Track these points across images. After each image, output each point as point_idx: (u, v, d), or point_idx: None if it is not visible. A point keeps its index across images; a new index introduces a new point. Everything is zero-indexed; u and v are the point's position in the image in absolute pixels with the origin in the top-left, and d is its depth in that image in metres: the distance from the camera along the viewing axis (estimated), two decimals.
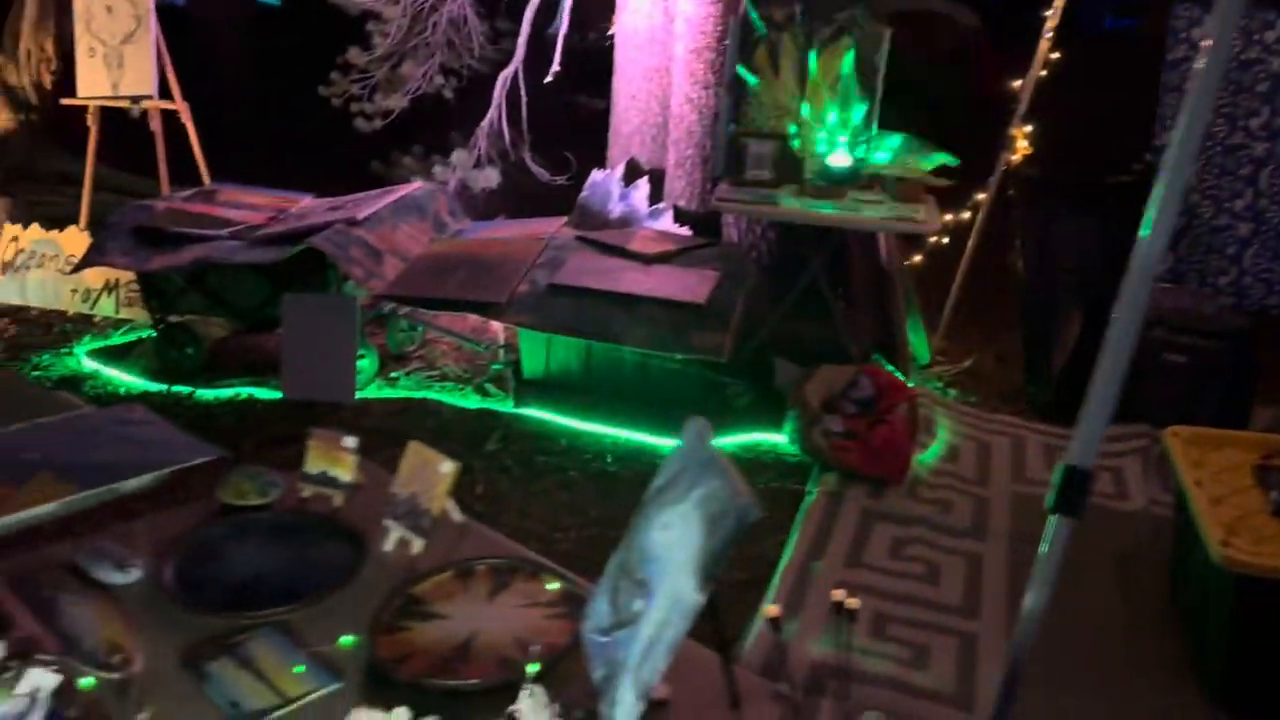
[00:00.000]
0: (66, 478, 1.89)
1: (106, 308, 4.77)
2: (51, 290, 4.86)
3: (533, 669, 1.38)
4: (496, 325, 4.50)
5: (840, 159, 3.92)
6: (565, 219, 4.55)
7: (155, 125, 4.96)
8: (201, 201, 4.38)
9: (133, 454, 2.00)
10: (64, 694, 1.37)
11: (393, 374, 4.28)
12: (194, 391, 4.08)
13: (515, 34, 5.21)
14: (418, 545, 1.80)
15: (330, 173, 5.32)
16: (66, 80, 5.19)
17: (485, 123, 5.25)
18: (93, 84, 4.97)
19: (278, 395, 4.06)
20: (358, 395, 4.05)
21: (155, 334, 4.34)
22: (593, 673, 1.39)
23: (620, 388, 4.00)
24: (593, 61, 5.43)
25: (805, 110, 4.03)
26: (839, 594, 1.77)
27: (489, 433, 3.86)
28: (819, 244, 3.97)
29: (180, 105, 4.97)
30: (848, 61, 3.97)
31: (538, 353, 4.10)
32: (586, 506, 3.43)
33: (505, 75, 5.27)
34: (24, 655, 1.44)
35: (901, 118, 4.11)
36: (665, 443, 3.80)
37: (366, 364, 4.18)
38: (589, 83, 5.71)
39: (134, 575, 1.72)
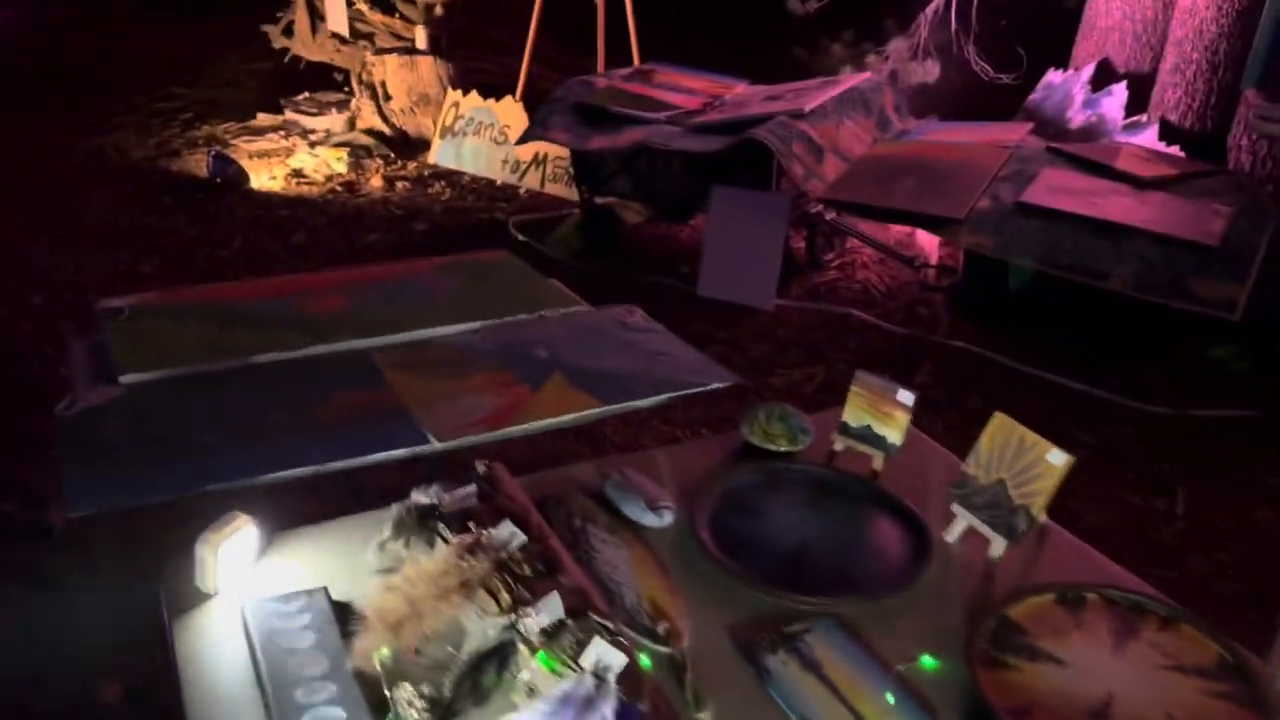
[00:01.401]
0: (581, 386, 1.66)
1: (532, 180, 4.75)
2: (485, 158, 4.91)
3: None
4: (927, 240, 3.95)
5: None
6: (1029, 125, 3.84)
7: None
8: (639, 82, 4.13)
9: (642, 366, 1.74)
10: (628, 676, 1.12)
11: (811, 284, 3.90)
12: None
13: None
14: (999, 547, 1.38)
15: (749, 56, 4.91)
16: None
17: (930, 9, 4.57)
18: None
19: (687, 289, 3.82)
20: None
21: (581, 213, 4.25)
22: None
23: (1080, 329, 3.36)
24: None
25: None
26: None
27: (917, 363, 3.39)
28: None
29: None
30: None
31: (984, 277, 3.52)
32: None
33: None
34: (579, 614, 1.20)
35: None
36: (1129, 403, 3.15)
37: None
38: None
39: (666, 519, 1.44)
